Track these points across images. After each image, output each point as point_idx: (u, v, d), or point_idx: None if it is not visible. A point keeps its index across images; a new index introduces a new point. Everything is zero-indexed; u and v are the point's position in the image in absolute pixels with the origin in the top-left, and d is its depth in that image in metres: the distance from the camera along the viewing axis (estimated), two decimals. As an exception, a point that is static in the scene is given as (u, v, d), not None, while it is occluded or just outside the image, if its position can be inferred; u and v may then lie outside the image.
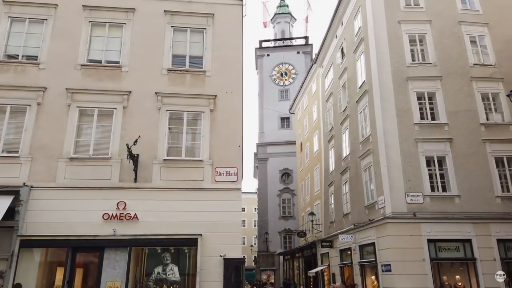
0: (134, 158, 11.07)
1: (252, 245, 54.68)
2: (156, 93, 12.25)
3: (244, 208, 54.28)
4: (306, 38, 43.19)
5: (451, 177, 15.14)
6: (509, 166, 15.43)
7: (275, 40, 44.76)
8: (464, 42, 17.08)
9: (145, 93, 12.26)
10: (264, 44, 43.46)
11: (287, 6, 47.50)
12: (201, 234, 11.05)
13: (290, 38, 44.48)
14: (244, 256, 12.33)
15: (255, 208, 51.79)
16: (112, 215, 11.02)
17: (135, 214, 11.09)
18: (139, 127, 11.80)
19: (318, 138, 27.52)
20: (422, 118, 15.99)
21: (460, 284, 14.03)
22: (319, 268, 23.33)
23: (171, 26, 13.13)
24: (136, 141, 10.95)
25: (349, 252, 18.98)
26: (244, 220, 56.55)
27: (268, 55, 42.26)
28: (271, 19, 46.77)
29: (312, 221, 25.39)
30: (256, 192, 46.58)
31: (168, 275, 10.97)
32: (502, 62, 16.78)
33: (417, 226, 14.39)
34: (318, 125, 27.59)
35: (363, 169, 17.83)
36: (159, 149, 11.78)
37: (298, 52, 42.06)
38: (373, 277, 16.41)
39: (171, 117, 12.30)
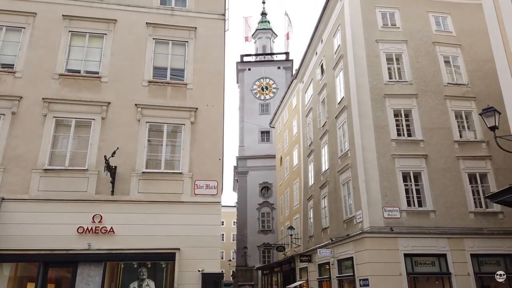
0: (111, 170, 10.86)
1: (230, 260, 54.11)
2: (136, 104, 12.14)
3: (223, 222, 53.79)
4: (286, 53, 43.90)
5: (427, 192, 15.49)
6: (481, 182, 15.93)
7: (256, 54, 45.29)
8: (438, 62, 17.72)
9: (125, 104, 12.12)
10: (246, 59, 43.89)
11: (269, 22, 48.29)
12: (179, 249, 10.86)
13: (271, 54, 45.11)
14: (222, 271, 12.19)
15: (234, 222, 51.44)
16: (87, 228, 10.72)
17: (111, 228, 10.82)
18: (117, 138, 11.62)
19: (298, 152, 27.74)
20: (398, 135, 16.40)
21: (435, 298, 14.24)
22: (297, 283, 23.22)
23: (153, 38, 13.12)
24: (114, 152, 10.75)
25: (328, 267, 19.01)
26: (223, 234, 55.96)
27: (249, 69, 42.66)
28: (253, 34, 47.36)
29: (291, 235, 25.40)
30: (235, 206, 46.34)
31: (144, 290, 10.70)
32: (475, 82, 17.48)
33: (394, 240, 14.59)
34: (298, 140, 27.85)
35: (341, 184, 18.04)
36: (138, 161, 11.61)
37: (279, 67, 42.64)
38: (351, 291, 16.47)
39: (150, 129, 12.18)
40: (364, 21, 18.11)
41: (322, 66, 22.62)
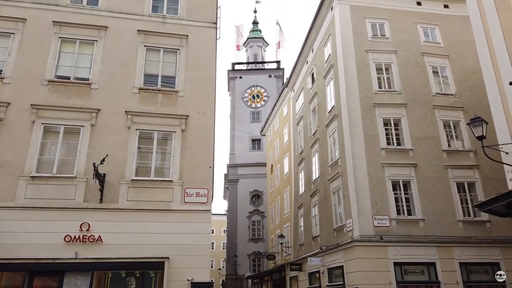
0: (100, 177, 10.73)
1: (220, 268, 53.64)
2: (126, 111, 12.06)
3: (213, 230, 53.43)
4: (278, 62, 44.18)
5: (416, 201, 15.61)
6: (469, 191, 16.11)
7: (248, 63, 45.50)
8: (427, 72, 17.99)
9: (115, 111, 12.04)
10: (237, 67, 44.06)
11: (260, 31, 48.63)
12: (168, 258, 10.74)
13: (262, 62, 45.37)
14: (212, 280, 12.06)
15: (224, 230, 51.14)
16: (75, 237, 10.54)
17: (99, 236, 10.66)
18: (107, 145, 11.51)
19: (288, 160, 27.78)
20: (388, 144, 16.54)
21: (425, 307, 14.26)
22: (287, 292, 23.10)
23: (144, 46, 13.09)
24: (103, 160, 10.65)
25: (318, 276, 18.96)
26: (213, 243, 55.52)
27: (240, 77, 42.80)
28: (244, 43, 47.61)
29: (281, 243, 25.29)
30: (225, 214, 46.09)
31: (132, 300, 10.53)
32: (462, 92, 17.77)
33: (384, 249, 14.64)
34: (288, 148, 27.91)
35: (332, 192, 18.08)
36: (127, 169, 11.50)
37: (270, 76, 42.86)
38: (341, 300, 16.42)
39: (141, 136, 12.10)
40: (354, 31, 18.34)
41: (313, 75, 22.80)
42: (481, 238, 15.03)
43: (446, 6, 19.62)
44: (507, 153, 9.81)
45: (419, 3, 19.48)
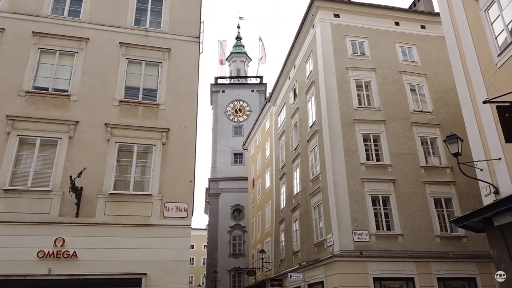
0: (77, 191, 10.47)
1: (199, 285, 52.66)
2: (106, 124, 11.88)
3: (193, 245, 52.56)
4: (260, 77, 44.57)
5: (395, 216, 15.80)
6: (446, 206, 16.43)
7: (231, 77, 45.73)
8: (405, 90, 18.46)
9: (94, 123, 11.84)
10: (220, 81, 44.19)
11: (243, 46, 49.12)
12: (145, 274, 10.49)
13: (245, 77, 45.67)
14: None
15: (204, 245, 50.37)
16: (48, 252, 10.18)
17: (74, 252, 10.34)
18: (85, 158, 11.27)
19: (270, 174, 27.78)
20: (368, 159, 16.78)
21: (404, 322, 14.30)
22: (268, 309, 22.79)
23: (126, 58, 13.01)
24: (80, 173, 10.40)
25: (298, 291, 18.81)
26: (193, 258, 54.60)
27: (223, 91, 42.91)
28: (227, 58, 47.92)
29: (262, 259, 25.08)
30: (206, 229, 45.47)
31: (107, 319, 10.19)
32: (439, 110, 18.28)
33: (364, 264, 14.69)
34: (270, 162, 27.95)
35: (312, 207, 18.13)
36: (106, 182, 11.26)
37: (252, 90, 43.14)
38: (321, 317, 16.30)
39: (120, 149, 11.92)
40: (335, 49, 18.74)
41: (294, 90, 23.07)
42: (458, 253, 15.27)
43: (423, 27, 20.31)
44: (481, 169, 10.05)
45: (397, 23, 20.12)
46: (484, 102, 8.48)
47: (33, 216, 10.42)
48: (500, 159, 9.40)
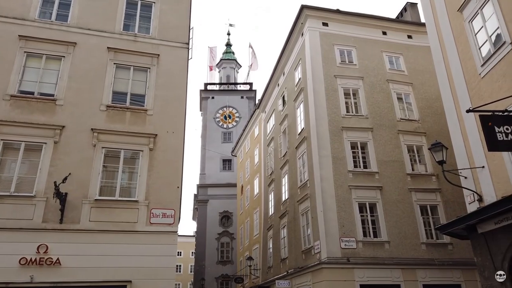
0: (61, 197, 10.32)
1: (187, 292, 52.02)
2: (92, 129, 11.76)
3: (180, 252, 52.06)
4: (250, 84, 44.69)
5: (382, 223, 15.91)
6: (432, 214, 16.60)
7: (220, 84, 45.78)
8: (392, 98, 18.71)
9: (80, 128, 11.71)
10: (209, 87, 44.16)
11: (233, 53, 49.25)
12: (130, 281, 10.35)
13: (235, 83, 45.74)
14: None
15: (192, 252, 49.91)
16: (31, 259, 9.98)
17: (58, 259, 10.14)
18: (70, 164, 11.13)
19: (258, 181, 27.76)
20: (355, 166, 16.90)
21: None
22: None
23: (114, 63, 12.92)
24: (65, 178, 10.29)
25: (286, 299, 18.71)
26: (180, 265, 54.03)
27: (212, 97, 42.89)
28: (217, 64, 47.97)
29: (250, 266, 24.94)
30: (194, 235, 45.10)
31: (90, 327, 10.00)
32: (425, 118, 18.55)
33: (351, 271, 14.72)
34: (259, 169, 27.94)
35: (300, 214, 18.15)
36: (91, 188, 11.12)
37: (242, 97, 43.21)
38: (308, 324, 16.25)
39: (107, 154, 11.79)
40: (323, 57, 18.92)
41: (283, 97, 23.18)
42: (443, 260, 15.42)
43: (409, 37, 20.67)
44: (466, 177, 10.23)
45: (384, 33, 20.43)
46: (468, 111, 8.64)
47: (15, 222, 10.21)
48: (483, 167, 9.58)
